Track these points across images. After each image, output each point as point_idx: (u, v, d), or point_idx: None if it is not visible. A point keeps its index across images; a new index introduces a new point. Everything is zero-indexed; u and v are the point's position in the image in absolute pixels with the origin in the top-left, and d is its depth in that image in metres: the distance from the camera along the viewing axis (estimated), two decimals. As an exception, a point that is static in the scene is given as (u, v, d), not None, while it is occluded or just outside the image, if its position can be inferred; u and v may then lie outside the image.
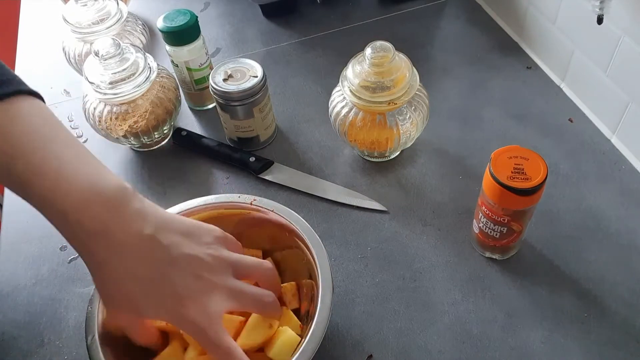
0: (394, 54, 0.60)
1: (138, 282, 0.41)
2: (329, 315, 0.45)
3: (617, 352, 0.52)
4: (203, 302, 0.42)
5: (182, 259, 0.42)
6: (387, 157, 0.70)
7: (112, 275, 0.41)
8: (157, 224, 0.42)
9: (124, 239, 0.40)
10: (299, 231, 0.51)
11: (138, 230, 0.41)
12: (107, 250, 0.40)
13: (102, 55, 0.64)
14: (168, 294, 0.41)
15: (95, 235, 0.40)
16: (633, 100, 0.63)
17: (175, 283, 0.41)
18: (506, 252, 0.58)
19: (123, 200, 0.41)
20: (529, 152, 0.51)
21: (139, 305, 0.42)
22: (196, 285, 0.42)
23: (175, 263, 0.42)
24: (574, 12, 0.69)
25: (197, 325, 0.41)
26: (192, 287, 0.42)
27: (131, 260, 0.41)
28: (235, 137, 0.72)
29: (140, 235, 0.41)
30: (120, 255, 0.40)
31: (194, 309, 0.41)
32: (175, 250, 0.42)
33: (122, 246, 0.40)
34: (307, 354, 0.43)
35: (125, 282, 0.41)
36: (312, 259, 0.49)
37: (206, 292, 0.42)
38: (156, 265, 0.41)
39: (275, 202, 0.54)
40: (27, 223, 0.67)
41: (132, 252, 0.41)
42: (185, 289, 0.41)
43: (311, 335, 0.44)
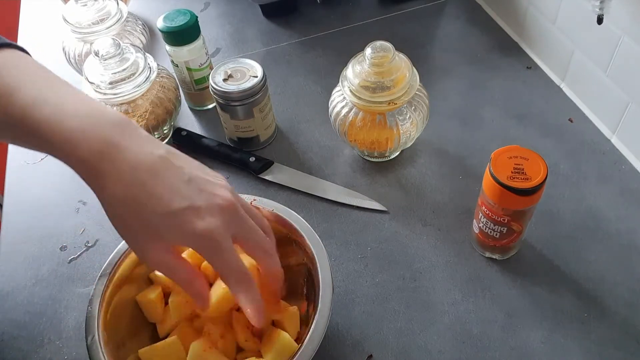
0: (394, 54, 0.60)
1: (153, 199, 0.38)
2: (329, 315, 0.45)
3: (617, 352, 0.52)
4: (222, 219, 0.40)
5: (198, 178, 0.41)
6: (387, 157, 0.70)
7: (126, 196, 0.38)
8: (168, 148, 0.41)
9: (136, 157, 0.38)
10: (299, 231, 0.51)
11: (150, 151, 0.39)
12: (120, 169, 0.38)
13: (102, 55, 0.64)
14: (187, 207, 0.39)
15: (105, 154, 0.38)
16: (633, 100, 0.63)
17: (194, 198, 0.39)
18: (506, 252, 0.58)
19: (130, 125, 0.40)
20: (529, 152, 0.51)
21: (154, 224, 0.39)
22: (215, 201, 0.40)
23: (192, 181, 0.40)
24: (574, 12, 0.69)
25: (217, 242, 0.39)
26: (211, 202, 0.40)
27: (145, 176, 0.38)
28: (235, 137, 0.72)
29: (153, 155, 0.39)
30: (134, 172, 0.38)
31: (214, 223, 0.39)
32: (189, 171, 0.40)
33: (135, 163, 0.38)
34: (307, 354, 0.43)
35: (137, 201, 0.38)
36: (312, 259, 0.49)
37: (224, 210, 0.40)
38: (172, 181, 0.39)
39: (276, 202, 0.54)
40: (27, 223, 0.67)
41: (145, 169, 0.38)
42: (205, 202, 0.40)
43: (311, 335, 0.44)
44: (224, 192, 0.41)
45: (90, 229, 0.66)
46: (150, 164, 0.39)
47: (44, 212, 0.68)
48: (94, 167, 0.38)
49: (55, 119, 0.38)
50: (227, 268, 0.40)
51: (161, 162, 0.39)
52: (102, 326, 0.46)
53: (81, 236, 0.65)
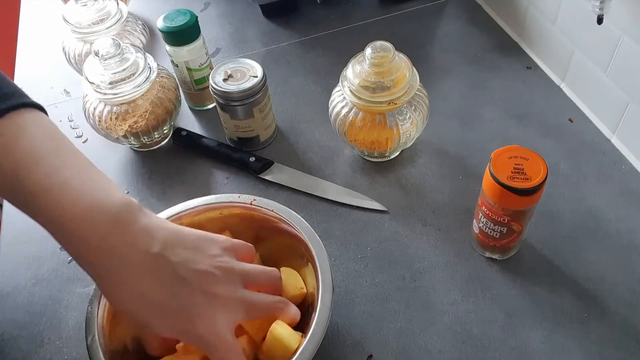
0: (394, 54, 0.60)
1: (146, 301, 0.41)
2: (329, 315, 0.45)
3: (617, 352, 0.52)
4: (213, 319, 0.42)
5: (191, 276, 0.42)
6: (387, 157, 0.70)
7: (120, 294, 0.41)
8: (165, 241, 0.42)
9: (131, 257, 0.40)
10: (298, 231, 0.51)
11: (145, 249, 0.41)
12: (115, 269, 0.40)
13: (102, 55, 0.64)
14: (177, 312, 0.41)
15: (101, 253, 0.40)
16: (633, 100, 0.63)
17: (184, 302, 0.41)
18: (506, 252, 0.58)
19: (129, 216, 0.41)
20: (529, 152, 0.51)
21: (148, 323, 0.42)
22: (205, 302, 0.42)
23: (184, 281, 0.42)
24: (574, 12, 0.69)
25: (207, 342, 0.42)
26: (201, 305, 0.42)
27: (139, 279, 0.40)
28: (235, 137, 0.72)
29: (147, 254, 0.41)
30: (128, 274, 0.40)
31: (203, 326, 0.41)
32: (183, 268, 0.42)
33: (130, 265, 0.40)
34: (307, 354, 0.43)
35: (133, 301, 0.41)
36: (312, 259, 0.49)
37: (216, 307, 0.42)
38: (164, 285, 0.41)
39: (275, 202, 0.54)
40: (27, 223, 0.66)
41: (140, 271, 0.40)
42: (194, 307, 0.41)
43: (311, 335, 0.44)
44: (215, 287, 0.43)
45: (90, 229, 0.66)
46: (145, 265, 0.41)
47: (44, 212, 0.68)
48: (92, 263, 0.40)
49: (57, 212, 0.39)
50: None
51: (155, 261, 0.41)
52: (102, 326, 0.46)
53: (81, 236, 0.65)
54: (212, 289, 0.42)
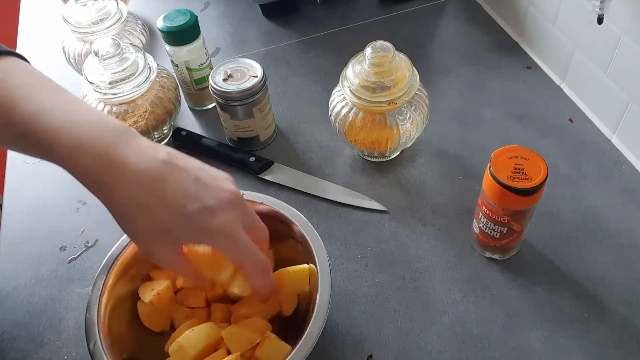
0: (394, 54, 0.60)
1: (163, 205, 0.39)
2: (326, 314, 0.45)
3: (617, 352, 0.52)
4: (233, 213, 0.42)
5: (204, 176, 0.42)
6: (387, 157, 0.70)
7: (133, 205, 0.39)
8: (168, 152, 0.41)
9: (142, 166, 0.39)
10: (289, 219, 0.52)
11: (152, 157, 0.40)
12: (126, 179, 0.39)
13: (102, 55, 0.64)
14: (198, 209, 0.40)
15: (108, 165, 0.38)
16: (633, 100, 0.63)
17: (203, 198, 0.40)
18: (506, 252, 0.58)
19: (130, 133, 0.41)
20: (529, 152, 0.51)
21: (169, 229, 0.40)
22: (224, 197, 0.41)
23: (196, 182, 0.41)
24: (574, 12, 0.69)
25: (232, 234, 0.41)
26: (220, 198, 0.41)
27: (152, 185, 0.39)
28: (235, 137, 0.72)
29: (155, 161, 0.40)
30: (140, 180, 0.39)
31: (226, 218, 0.41)
32: (194, 171, 0.41)
33: (141, 173, 0.39)
34: (303, 352, 0.43)
35: (149, 207, 0.39)
36: (312, 257, 0.50)
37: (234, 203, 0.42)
38: (179, 184, 0.40)
39: (265, 195, 0.54)
40: (27, 223, 0.67)
41: (151, 176, 0.39)
42: (214, 199, 0.41)
43: (308, 334, 0.44)
44: (229, 185, 0.43)
45: (90, 229, 0.66)
46: (155, 169, 0.39)
47: (44, 212, 0.68)
48: (98, 179, 0.39)
49: (57, 129, 0.38)
50: (244, 259, 0.43)
51: (165, 166, 0.40)
52: (102, 330, 0.46)
53: (81, 236, 0.65)
54: (226, 186, 0.42)
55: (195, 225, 0.40)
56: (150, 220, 0.40)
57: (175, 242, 0.42)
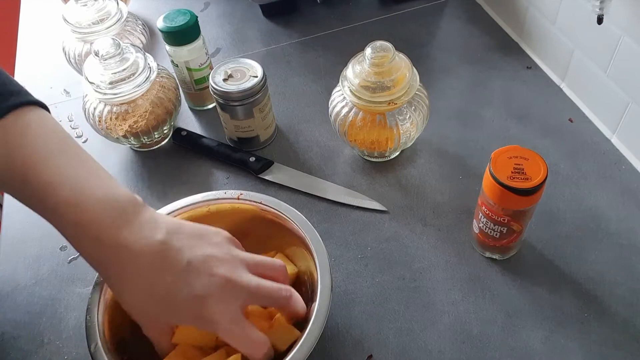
0: (394, 54, 0.60)
1: (156, 290, 0.41)
2: (326, 314, 0.45)
3: (617, 352, 0.52)
4: (224, 299, 0.42)
5: (196, 259, 0.42)
6: (387, 157, 0.70)
7: (130, 287, 0.42)
8: (168, 229, 0.43)
9: (138, 248, 0.41)
10: (288, 219, 0.52)
11: (150, 238, 0.42)
12: (123, 263, 0.41)
13: (102, 55, 0.64)
14: (188, 297, 0.41)
15: (107, 247, 0.40)
16: (633, 100, 0.63)
17: (193, 285, 0.41)
18: (506, 252, 0.58)
19: (134, 210, 0.42)
20: (529, 152, 0.51)
21: (160, 313, 0.42)
22: (214, 283, 0.42)
23: (190, 265, 0.42)
24: (574, 12, 0.69)
25: (221, 322, 0.41)
26: (210, 286, 0.42)
27: (147, 269, 0.41)
28: (235, 137, 0.72)
29: (152, 242, 0.41)
30: (136, 265, 0.41)
31: (216, 306, 0.41)
32: (188, 252, 0.42)
33: (137, 256, 0.41)
34: (304, 352, 0.43)
35: (144, 292, 0.41)
36: (305, 244, 0.50)
37: (225, 288, 0.42)
38: (171, 271, 0.41)
39: (263, 195, 0.54)
40: (27, 223, 0.67)
41: (147, 260, 0.41)
42: (203, 288, 0.41)
43: (308, 333, 0.44)
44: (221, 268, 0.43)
45: (90, 229, 0.66)
46: (151, 254, 0.41)
47: (44, 212, 0.68)
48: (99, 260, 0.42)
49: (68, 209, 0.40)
50: (238, 344, 0.43)
51: (161, 249, 0.42)
52: (103, 332, 0.46)
53: (81, 236, 0.65)
54: (218, 271, 0.42)
55: (183, 313, 0.42)
56: (143, 303, 0.42)
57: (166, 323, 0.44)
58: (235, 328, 0.42)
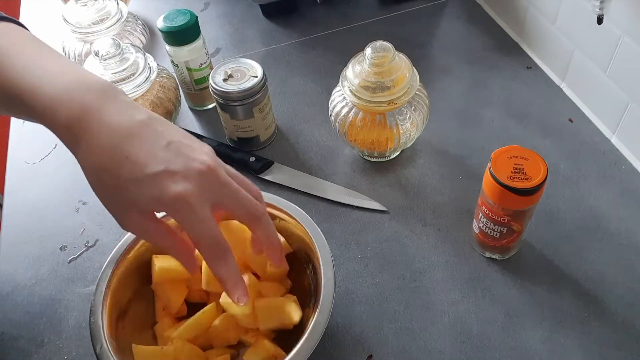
0: (394, 54, 0.60)
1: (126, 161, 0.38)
2: (330, 309, 0.46)
3: (617, 352, 0.52)
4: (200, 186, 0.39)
5: (178, 142, 0.40)
6: (387, 157, 0.70)
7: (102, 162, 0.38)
8: (149, 114, 0.40)
9: (114, 121, 0.38)
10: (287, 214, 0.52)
11: (131, 115, 0.39)
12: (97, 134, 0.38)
13: (102, 55, 0.64)
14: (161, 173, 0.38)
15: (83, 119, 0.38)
16: (633, 100, 0.63)
17: (171, 161, 0.38)
18: (506, 252, 0.58)
19: (113, 91, 0.40)
20: (529, 152, 0.51)
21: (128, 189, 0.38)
22: (193, 167, 0.39)
23: (171, 144, 0.39)
24: (574, 12, 0.69)
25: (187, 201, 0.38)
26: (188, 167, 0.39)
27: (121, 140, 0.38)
28: (235, 137, 0.72)
29: (133, 120, 0.39)
30: (111, 135, 0.38)
31: (189, 188, 0.38)
32: (170, 136, 0.39)
33: (113, 127, 0.38)
34: (307, 348, 0.43)
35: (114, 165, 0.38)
36: (315, 253, 0.50)
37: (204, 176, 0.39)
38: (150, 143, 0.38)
39: (278, 197, 0.54)
40: (27, 223, 0.67)
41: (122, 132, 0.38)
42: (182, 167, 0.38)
43: (311, 330, 0.44)
44: (203, 157, 0.40)
45: (90, 229, 0.66)
46: (128, 127, 0.38)
47: (44, 212, 0.68)
48: (73, 133, 0.38)
49: (38, 86, 0.38)
50: (200, 235, 0.39)
51: (140, 125, 0.39)
52: (107, 333, 0.46)
53: (81, 236, 0.65)
54: (200, 157, 0.39)
55: (154, 188, 0.38)
56: (114, 177, 0.38)
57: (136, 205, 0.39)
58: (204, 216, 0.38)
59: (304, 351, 0.43)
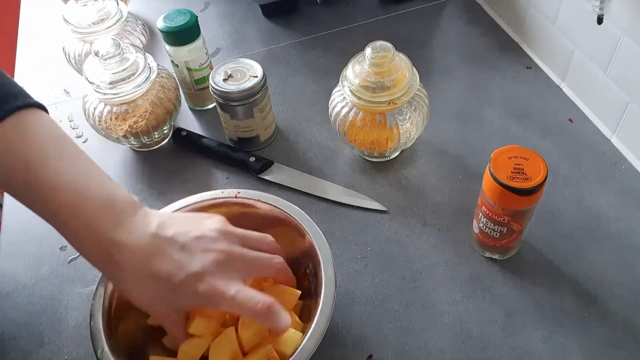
0: (394, 54, 0.60)
1: (157, 279, 0.42)
2: (332, 307, 0.46)
3: (617, 352, 0.52)
4: (223, 273, 0.43)
5: (190, 242, 0.43)
6: (387, 157, 0.70)
7: (132, 281, 0.43)
8: (159, 222, 0.44)
9: (132, 243, 0.42)
10: (290, 215, 0.52)
11: (142, 232, 0.43)
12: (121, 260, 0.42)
13: (102, 55, 0.64)
14: (187, 277, 0.42)
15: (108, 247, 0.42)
16: (633, 100, 0.63)
17: (190, 265, 0.42)
18: (506, 252, 0.58)
19: (132, 211, 0.44)
20: (529, 152, 0.51)
21: (166, 300, 0.43)
22: (210, 259, 0.43)
23: (184, 248, 0.43)
24: (574, 12, 0.69)
25: (220, 293, 0.42)
26: (206, 262, 0.43)
27: (143, 261, 0.42)
28: (235, 137, 0.72)
29: (145, 236, 0.43)
30: (133, 260, 0.42)
31: (213, 280, 0.42)
32: (181, 238, 0.43)
33: (132, 251, 0.42)
34: (309, 347, 0.43)
35: (146, 284, 0.42)
36: (316, 254, 0.50)
37: (222, 262, 0.43)
38: (167, 257, 0.42)
39: (261, 192, 0.54)
40: (27, 223, 0.67)
41: (142, 253, 0.42)
42: (200, 265, 0.42)
43: (312, 332, 0.44)
44: (215, 245, 0.44)
45: (90, 229, 0.66)
46: (145, 246, 0.42)
47: (44, 212, 0.68)
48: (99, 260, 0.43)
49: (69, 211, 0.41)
50: (243, 310, 0.43)
51: (154, 240, 0.43)
52: (108, 336, 0.46)
53: (81, 236, 0.65)
54: (213, 247, 0.44)
55: (185, 294, 0.42)
56: (148, 294, 0.43)
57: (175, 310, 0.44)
58: (240, 296, 0.42)
59: (306, 350, 0.43)
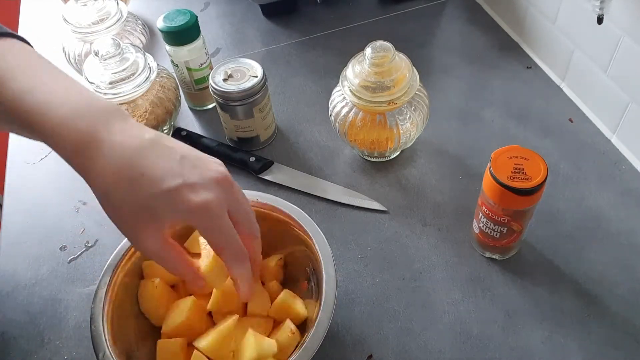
0: (394, 54, 0.60)
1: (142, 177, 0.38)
2: (333, 307, 0.46)
3: (617, 352, 0.52)
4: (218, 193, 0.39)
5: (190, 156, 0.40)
6: (387, 157, 0.70)
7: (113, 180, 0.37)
8: (158, 133, 0.40)
9: (124, 141, 0.38)
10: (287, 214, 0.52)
11: (139, 135, 0.39)
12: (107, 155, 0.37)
13: (102, 55, 0.64)
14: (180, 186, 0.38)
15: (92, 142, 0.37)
16: (633, 100, 0.63)
17: (187, 175, 0.39)
18: (506, 252, 0.58)
19: (119, 112, 0.40)
20: (529, 152, 0.51)
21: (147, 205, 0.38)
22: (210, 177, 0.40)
23: (184, 159, 0.39)
24: (574, 12, 0.69)
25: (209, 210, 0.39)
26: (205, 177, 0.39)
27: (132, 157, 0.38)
28: (235, 137, 0.72)
29: (140, 137, 0.39)
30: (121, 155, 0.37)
31: (207, 194, 0.39)
32: (180, 151, 0.40)
33: (122, 147, 0.38)
34: (312, 347, 0.43)
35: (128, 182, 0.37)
36: (316, 254, 0.50)
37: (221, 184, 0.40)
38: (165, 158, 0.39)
39: (261, 192, 0.54)
40: (27, 223, 0.67)
41: (133, 150, 0.38)
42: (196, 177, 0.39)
43: (313, 333, 0.44)
44: (217, 167, 0.41)
45: (90, 229, 0.66)
46: (139, 145, 0.38)
47: (44, 212, 0.68)
48: (82, 155, 0.38)
49: (46, 108, 0.38)
50: (224, 242, 0.40)
51: (151, 143, 0.39)
52: (109, 341, 0.46)
53: (81, 236, 0.65)
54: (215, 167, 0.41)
55: (175, 201, 0.38)
56: (130, 196, 0.38)
57: (156, 221, 0.39)
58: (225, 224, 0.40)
59: (309, 349, 0.43)
